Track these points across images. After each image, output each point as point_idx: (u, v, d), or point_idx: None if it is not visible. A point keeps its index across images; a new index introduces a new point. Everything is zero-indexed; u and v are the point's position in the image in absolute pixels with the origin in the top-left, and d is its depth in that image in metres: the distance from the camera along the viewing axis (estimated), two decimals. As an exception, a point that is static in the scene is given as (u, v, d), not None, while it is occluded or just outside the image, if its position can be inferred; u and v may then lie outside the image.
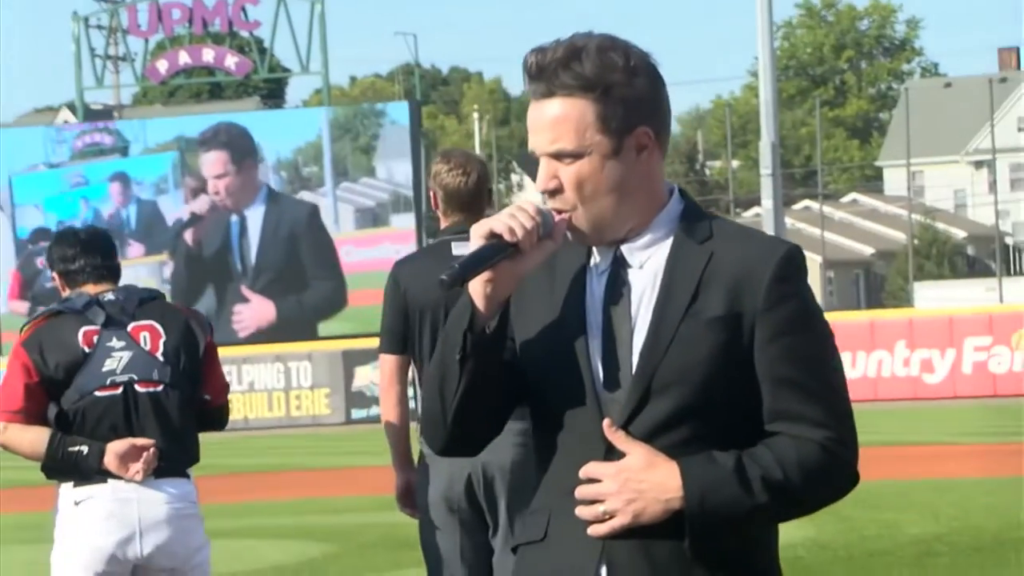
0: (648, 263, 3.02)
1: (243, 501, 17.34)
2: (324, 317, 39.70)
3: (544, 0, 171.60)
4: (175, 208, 39.61)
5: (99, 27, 50.23)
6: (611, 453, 2.96)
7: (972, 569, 11.43)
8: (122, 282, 6.05)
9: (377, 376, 36.76)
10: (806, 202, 79.06)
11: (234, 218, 39.15)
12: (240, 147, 39.42)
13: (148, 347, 5.86)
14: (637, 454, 2.94)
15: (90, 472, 5.76)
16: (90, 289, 5.97)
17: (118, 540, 5.78)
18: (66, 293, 6.03)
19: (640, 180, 3.01)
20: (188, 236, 39.54)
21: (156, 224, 39.50)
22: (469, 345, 2.98)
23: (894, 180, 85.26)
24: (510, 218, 2.95)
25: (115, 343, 5.84)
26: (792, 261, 2.99)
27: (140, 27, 47.35)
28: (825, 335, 3.01)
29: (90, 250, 6.02)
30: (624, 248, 3.03)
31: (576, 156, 2.99)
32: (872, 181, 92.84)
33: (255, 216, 38.81)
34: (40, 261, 38.31)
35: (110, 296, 5.93)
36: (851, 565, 11.67)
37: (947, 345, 41.67)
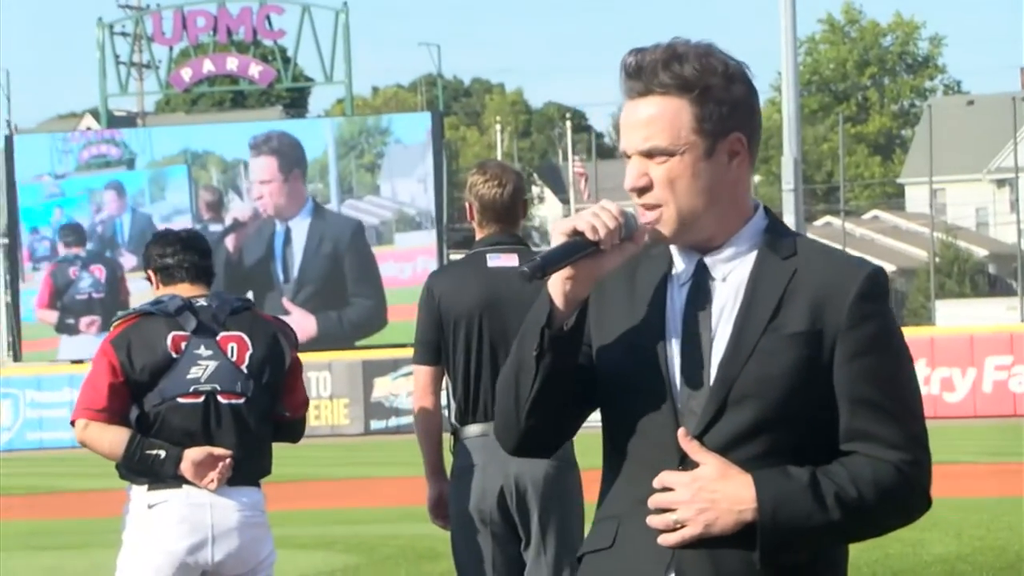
0: (731, 276, 3.03)
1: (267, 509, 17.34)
2: (364, 335, 39.44)
3: (567, 14, 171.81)
4: (183, 222, 36.86)
5: (124, 34, 50.45)
6: (685, 463, 2.96)
7: (996, 588, 11.42)
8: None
9: (395, 387, 36.81)
10: (827, 218, 78.99)
11: (279, 227, 38.79)
12: (289, 156, 39.01)
13: (234, 358, 5.89)
14: (711, 464, 2.94)
15: (165, 476, 5.79)
16: (185, 288, 5.99)
17: (190, 545, 5.81)
18: (159, 292, 6.02)
19: (729, 187, 3.03)
20: (229, 243, 38.90)
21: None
22: (546, 342, 2.97)
23: (916, 197, 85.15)
24: (593, 216, 2.96)
25: (203, 351, 5.86)
26: (876, 281, 3.00)
27: (165, 34, 47.42)
28: (906, 357, 3.02)
29: (189, 248, 6.06)
30: (708, 259, 3.04)
31: (669, 154, 2.99)
32: (894, 198, 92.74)
33: (300, 228, 38.53)
34: (72, 271, 38.82)
35: (203, 302, 5.94)
36: (875, 584, 11.67)
37: (968, 364, 41.60)
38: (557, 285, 2.98)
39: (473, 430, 6.06)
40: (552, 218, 77.75)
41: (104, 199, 39.35)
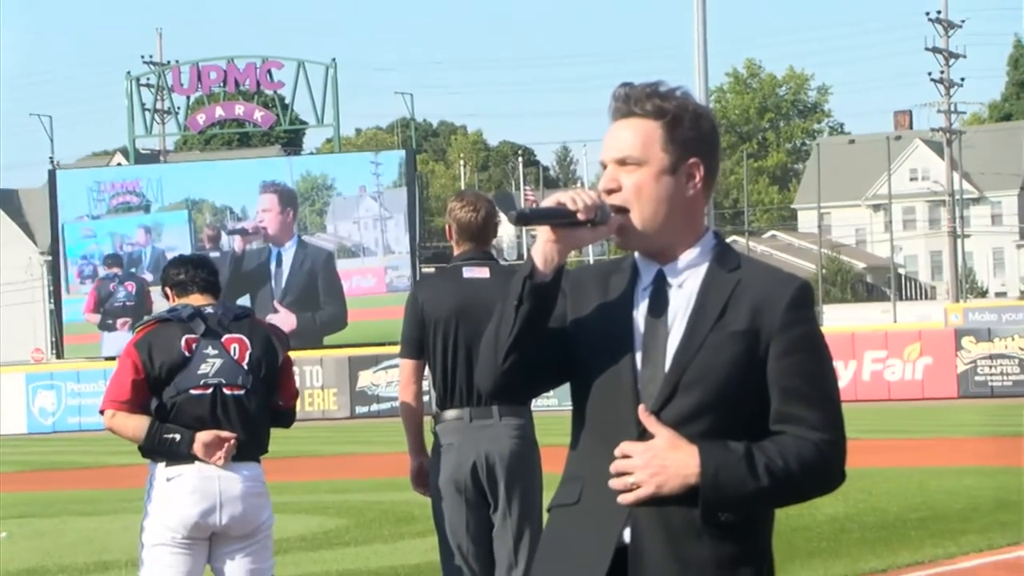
0: (686, 283, 3.04)
1: (267, 482, 17.28)
2: (329, 332, 44.25)
3: (520, 68, 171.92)
4: (184, 251, 42.92)
5: (148, 85, 50.18)
6: (642, 435, 2.97)
7: (878, 543, 11.43)
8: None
9: (376, 379, 36.72)
10: (734, 237, 79.17)
11: (274, 250, 44.33)
12: (287, 198, 44.39)
13: (236, 356, 5.91)
14: (664, 436, 2.95)
15: (180, 455, 5.81)
16: (196, 299, 6.01)
17: (201, 510, 5.82)
18: (175, 303, 6.05)
19: (686, 204, 3.04)
20: (236, 243, 44.30)
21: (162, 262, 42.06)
22: (526, 292, 2.97)
23: (806, 220, 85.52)
24: (575, 193, 2.99)
25: (210, 351, 5.88)
26: (805, 292, 3.03)
27: (183, 86, 47.35)
28: (826, 355, 3.04)
29: (199, 266, 6.11)
30: (666, 269, 3.05)
31: (638, 164, 3.01)
32: (788, 220, 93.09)
33: (289, 252, 44.25)
34: (112, 286, 44.83)
35: (210, 310, 5.96)
36: (778, 539, 11.60)
37: (850, 357, 41.79)
38: (539, 247, 2.99)
39: (451, 414, 6.04)
40: (508, 239, 77.68)
41: (134, 235, 45.21)
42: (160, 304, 37.41)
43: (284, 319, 41.82)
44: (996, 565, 10.39)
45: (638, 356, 3.00)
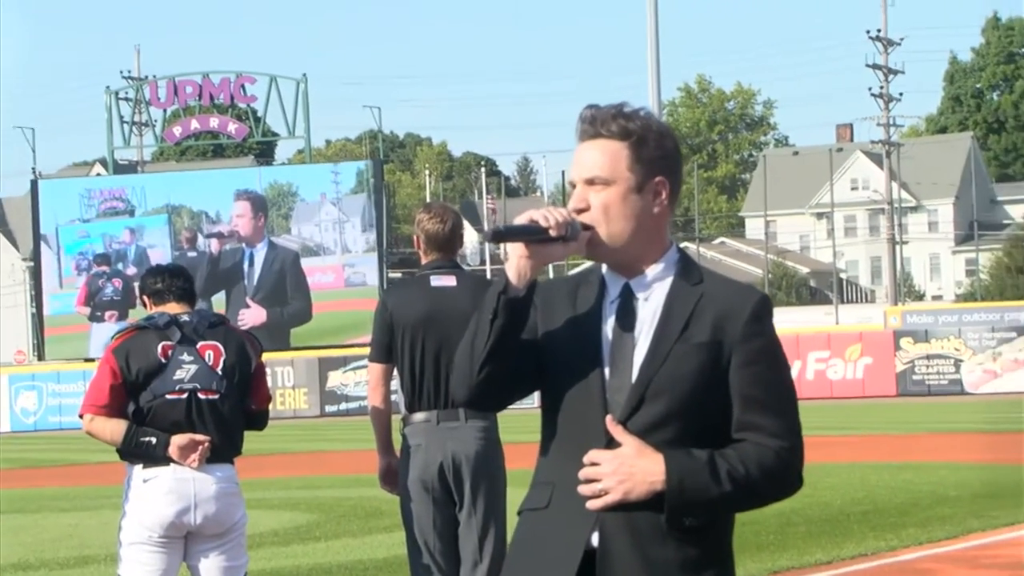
0: (652, 296, 3.00)
1: (241, 479, 17.19)
2: (296, 325, 46.27)
3: (483, 83, 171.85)
4: (165, 252, 46.04)
5: (127, 99, 49.91)
6: (610, 443, 2.93)
7: (823, 537, 11.43)
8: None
9: (345, 379, 36.71)
10: (685, 244, 79.34)
11: (247, 251, 46.45)
12: (258, 205, 46.64)
13: (211, 363, 5.84)
14: (631, 444, 2.91)
15: (157, 457, 5.76)
16: (172, 307, 5.95)
17: (177, 511, 5.77)
18: (152, 311, 5.99)
19: (651, 221, 3.01)
20: (213, 245, 46.38)
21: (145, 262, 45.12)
22: (500, 306, 2.93)
23: (754, 227, 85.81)
24: (546, 211, 2.95)
25: (185, 357, 5.82)
26: (764, 305, 3.00)
27: (160, 99, 47.23)
28: (785, 365, 3.01)
29: (175, 276, 6.05)
30: (633, 283, 3.02)
31: (606, 184, 2.98)
32: (736, 228, 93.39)
33: (260, 254, 46.51)
34: (101, 282, 47.13)
35: (186, 318, 5.91)
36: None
37: (795, 357, 41.93)
38: (512, 263, 2.95)
39: (419, 416, 5.98)
40: (471, 246, 77.59)
41: (121, 235, 47.41)
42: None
43: (255, 313, 44.60)
44: (936, 557, 10.40)
45: (606, 367, 2.96)
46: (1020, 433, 24.17)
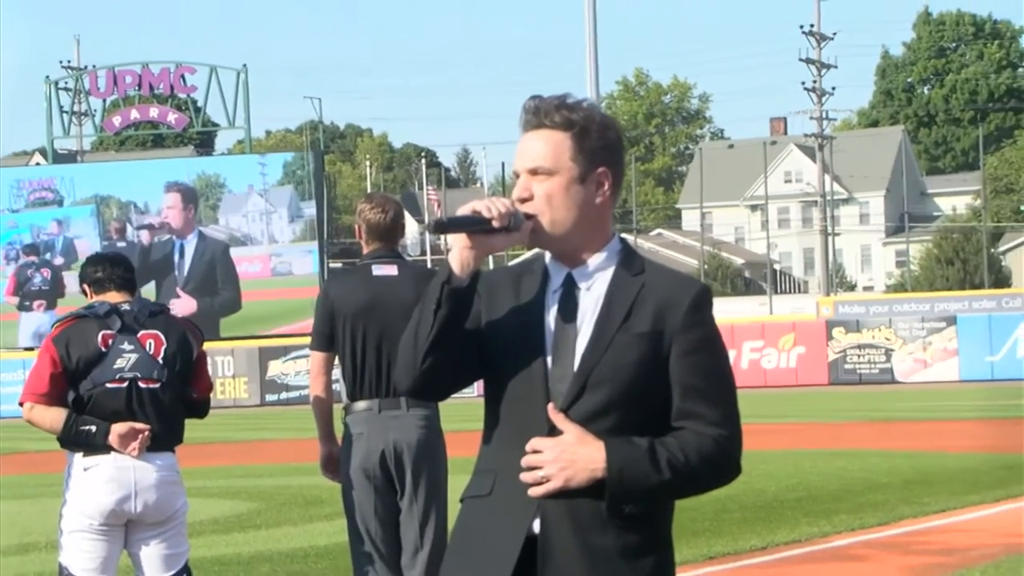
0: (594, 286, 3.01)
1: (182, 467, 17.07)
2: (226, 315, 46.19)
3: (423, 72, 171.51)
4: (93, 240, 46.02)
5: (66, 89, 49.34)
6: (552, 431, 2.93)
7: (758, 523, 11.50)
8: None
9: (286, 368, 36.58)
10: (622, 235, 79.53)
11: (178, 242, 46.43)
12: (189, 196, 46.42)
13: (152, 351, 5.80)
14: (572, 432, 2.91)
15: (97, 446, 5.72)
16: (113, 296, 5.89)
17: (117, 499, 5.73)
18: (92, 299, 5.92)
19: (594, 211, 3.01)
20: (144, 236, 46.22)
21: (72, 253, 45.92)
22: (444, 296, 2.93)
23: (690, 219, 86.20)
24: (489, 201, 2.94)
25: (126, 346, 5.78)
26: (704, 295, 3.02)
27: (99, 89, 46.84)
28: (724, 355, 3.03)
29: (115, 264, 5.99)
30: (575, 272, 3.02)
31: (549, 174, 2.98)
32: (673, 220, 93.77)
33: (191, 245, 46.51)
34: (29, 272, 47.01)
35: (126, 307, 5.86)
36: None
37: (730, 347, 42.14)
38: (456, 254, 2.95)
39: (360, 405, 5.95)
40: (412, 237, 77.43)
41: (49, 227, 47.34)
42: (72, 287, 39.21)
43: (185, 304, 44.57)
44: (868, 543, 10.49)
45: (549, 356, 2.96)
46: (950, 421, 24.46)
